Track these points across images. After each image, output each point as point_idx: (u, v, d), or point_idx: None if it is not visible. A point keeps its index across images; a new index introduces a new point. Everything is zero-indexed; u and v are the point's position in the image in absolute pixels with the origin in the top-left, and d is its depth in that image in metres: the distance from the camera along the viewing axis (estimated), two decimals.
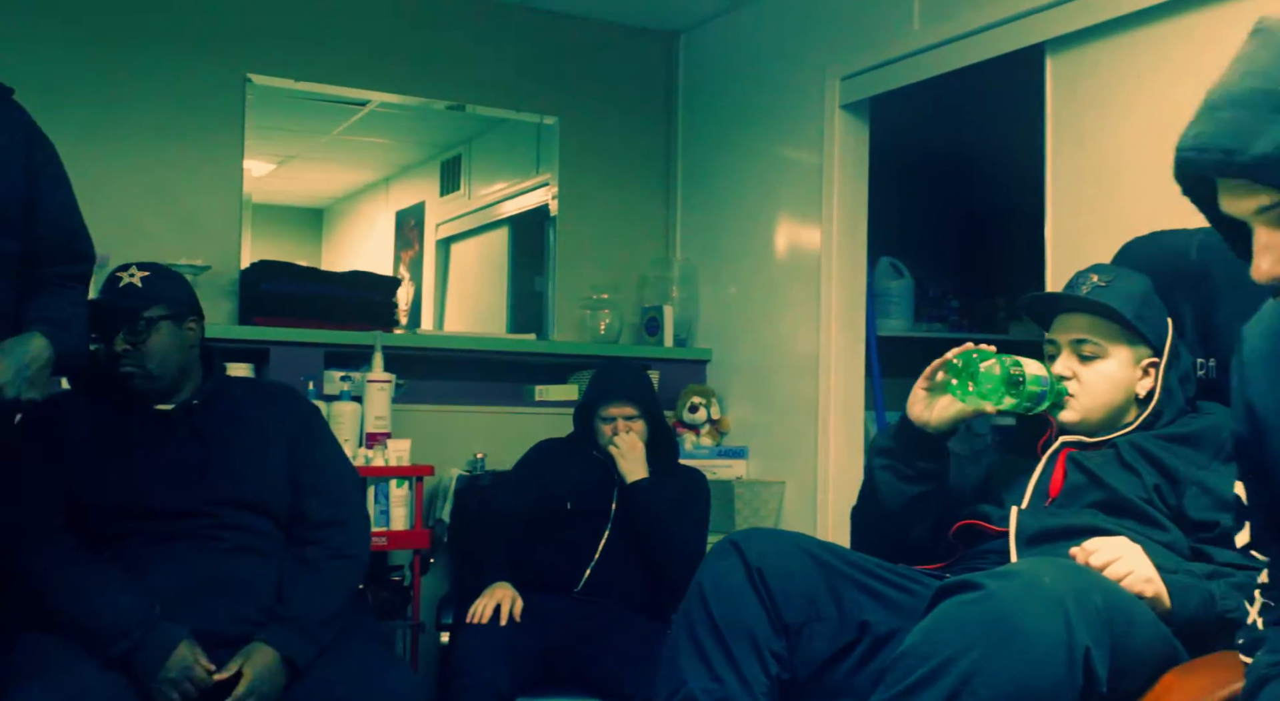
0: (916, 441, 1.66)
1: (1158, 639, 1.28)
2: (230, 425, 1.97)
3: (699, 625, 1.49)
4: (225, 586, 1.82)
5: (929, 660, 1.18)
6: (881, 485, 1.68)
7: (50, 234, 1.83)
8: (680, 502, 2.51)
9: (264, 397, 2.08)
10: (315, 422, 2.10)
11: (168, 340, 1.92)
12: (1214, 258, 1.69)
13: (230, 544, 1.86)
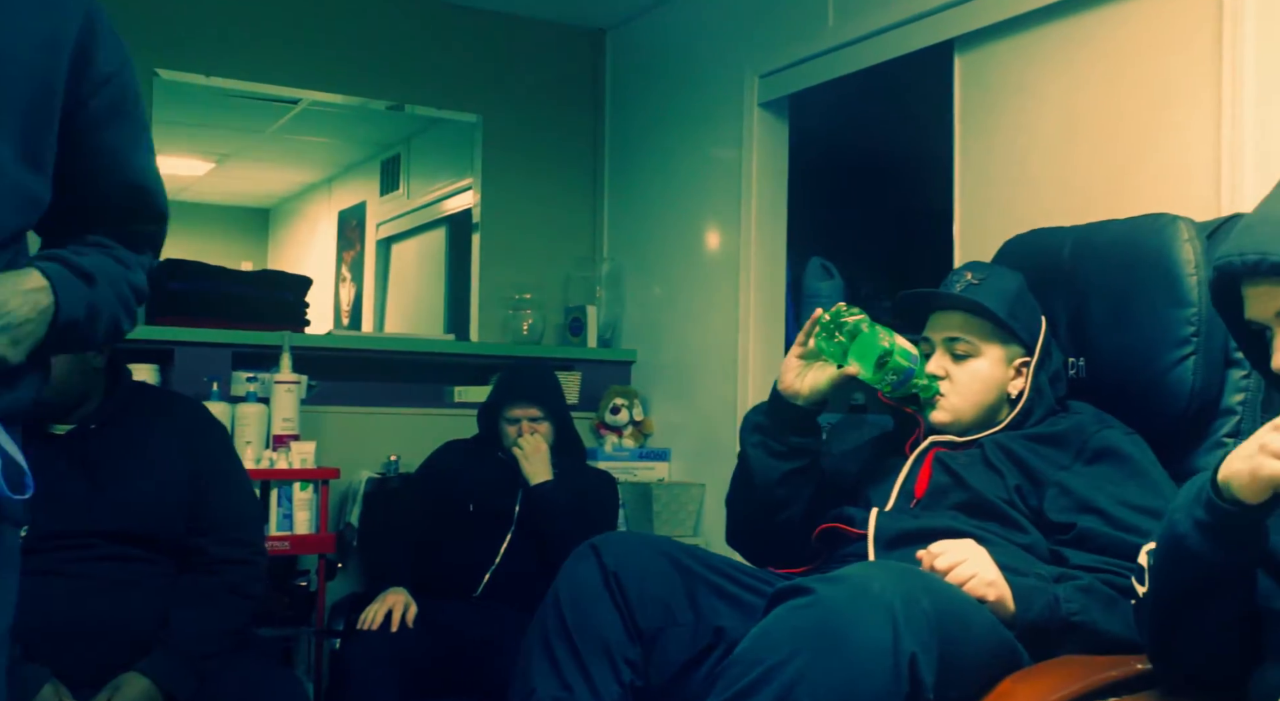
0: (788, 416, 1.65)
1: (995, 643, 1.25)
2: (128, 451, 1.86)
3: (552, 632, 1.45)
4: (98, 625, 1.73)
5: (756, 666, 1.15)
6: (754, 462, 1.66)
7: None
8: (585, 505, 2.47)
9: (171, 420, 1.96)
10: (223, 453, 2.01)
11: (66, 366, 1.78)
12: (1084, 257, 1.67)
13: (109, 578, 1.78)
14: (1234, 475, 1.01)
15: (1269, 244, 1.05)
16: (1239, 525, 1.03)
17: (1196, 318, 1.51)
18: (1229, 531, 1.03)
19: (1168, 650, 1.14)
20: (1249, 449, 1.01)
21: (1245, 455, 1.01)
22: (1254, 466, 0.99)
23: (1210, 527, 1.03)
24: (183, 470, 1.90)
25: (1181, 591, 1.08)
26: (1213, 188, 1.90)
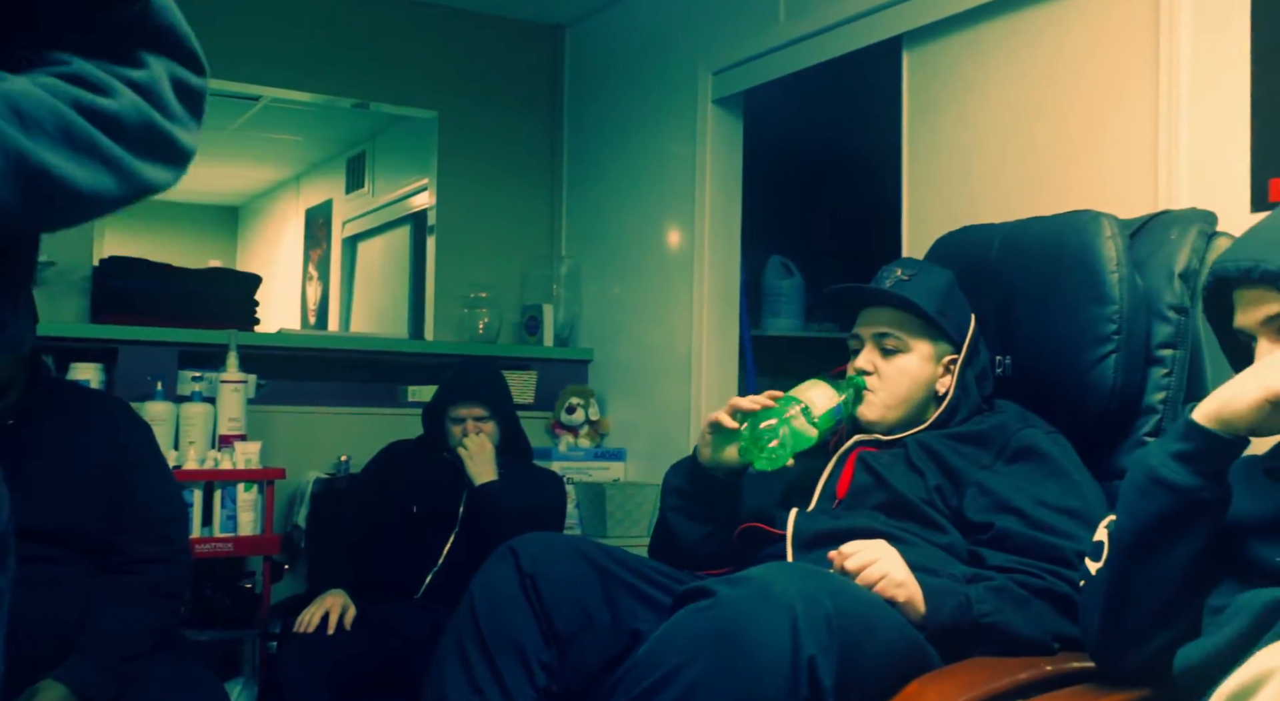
0: (708, 488, 1.63)
1: (902, 645, 1.23)
2: (46, 447, 1.82)
3: (465, 636, 1.42)
4: (14, 627, 1.69)
5: (656, 670, 1.13)
6: (675, 525, 1.66)
7: None
8: (530, 506, 2.44)
9: (93, 416, 1.92)
10: (146, 451, 1.96)
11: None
12: (1011, 254, 1.65)
13: (27, 578, 1.73)
14: (1231, 399, 1.06)
15: (1263, 252, 1.09)
16: (1217, 451, 1.07)
17: (1118, 315, 1.49)
18: (1207, 457, 1.07)
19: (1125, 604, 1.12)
20: (1253, 376, 1.06)
21: (1251, 379, 1.06)
22: (1262, 381, 1.04)
23: (1188, 455, 1.08)
24: (104, 468, 1.86)
25: (1153, 523, 1.09)
26: (1150, 185, 1.90)
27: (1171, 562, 1.09)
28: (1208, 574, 1.10)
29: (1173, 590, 1.09)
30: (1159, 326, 1.51)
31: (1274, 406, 1.05)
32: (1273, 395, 1.05)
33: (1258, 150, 1.75)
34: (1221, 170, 1.80)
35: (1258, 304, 1.11)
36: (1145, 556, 1.10)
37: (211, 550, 2.57)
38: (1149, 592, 1.10)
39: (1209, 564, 1.10)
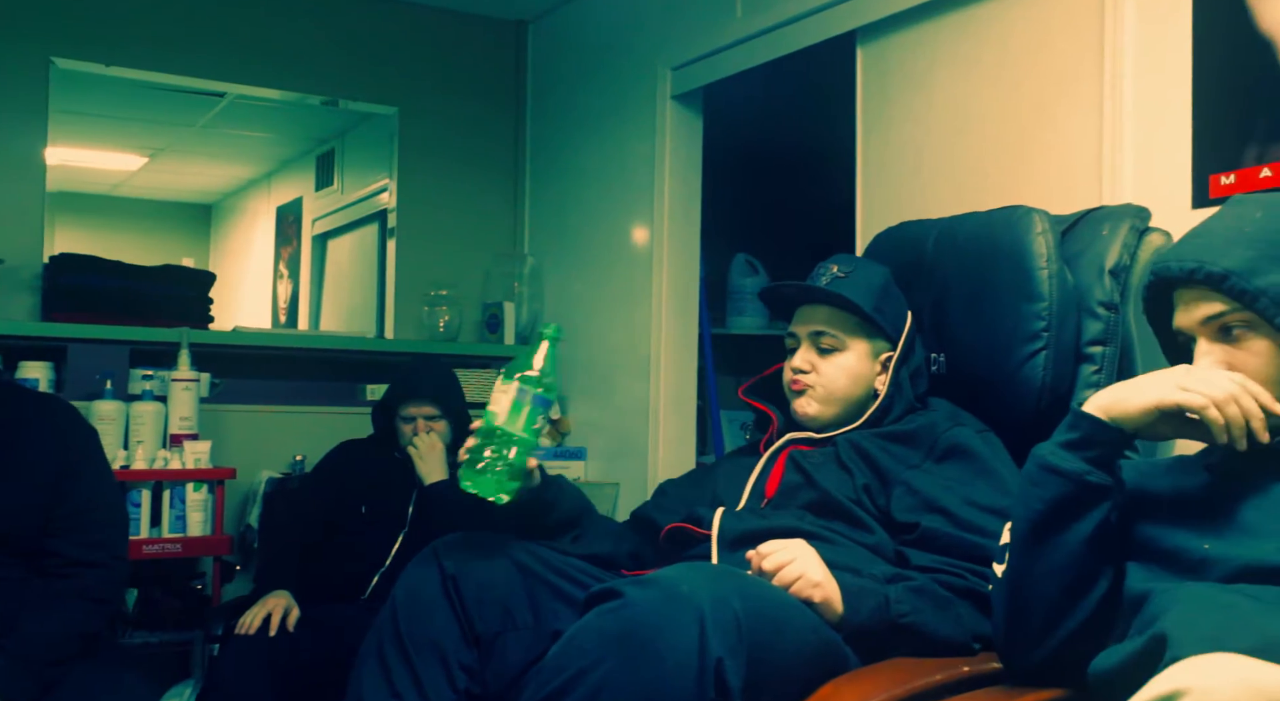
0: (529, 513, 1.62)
1: (816, 647, 1.21)
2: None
3: (385, 638, 1.40)
4: None
5: (561, 673, 1.11)
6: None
7: None
8: (480, 505, 2.41)
9: (37, 419, 1.89)
10: (87, 454, 1.93)
11: None
12: (945, 250, 1.64)
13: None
14: (1126, 398, 1.08)
15: (1206, 254, 1.09)
16: (1104, 439, 1.08)
17: (1047, 312, 1.48)
18: (1093, 444, 1.09)
19: (1024, 599, 1.12)
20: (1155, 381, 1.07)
21: (1151, 383, 1.07)
22: (1163, 390, 1.06)
23: (1075, 442, 1.09)
24: (43, 471, 1.83)
25: (1045, 510, 1.10)
26: (1095, 181, 1.88)
27: (1065, 550, 1.08)
28: (1107, 564, 1.09)
29: (1069, 579, 1.09)
30: (1089, 323, 1.50)
31: (1162, 415, 1.06)
32: (1164, 405, 1.05)
33: (1198, 147, 1.74)
34: (1163, 166, 1.78)
35: (1198, 304, 1.11)
36: (1040, 546, 1.09)
37: (160, 551, 2.54)
38: (1046, 583, 1.09)
39: (1107, 554, 1.09)
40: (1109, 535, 1.10)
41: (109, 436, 2.65)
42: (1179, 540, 1.07)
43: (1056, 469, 1.09)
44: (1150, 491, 1.14)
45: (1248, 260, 1.08)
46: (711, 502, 1.54)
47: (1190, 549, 1.05)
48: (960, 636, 1.27)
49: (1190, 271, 1.10)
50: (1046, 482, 1.09)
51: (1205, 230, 1.16)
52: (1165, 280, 1.14)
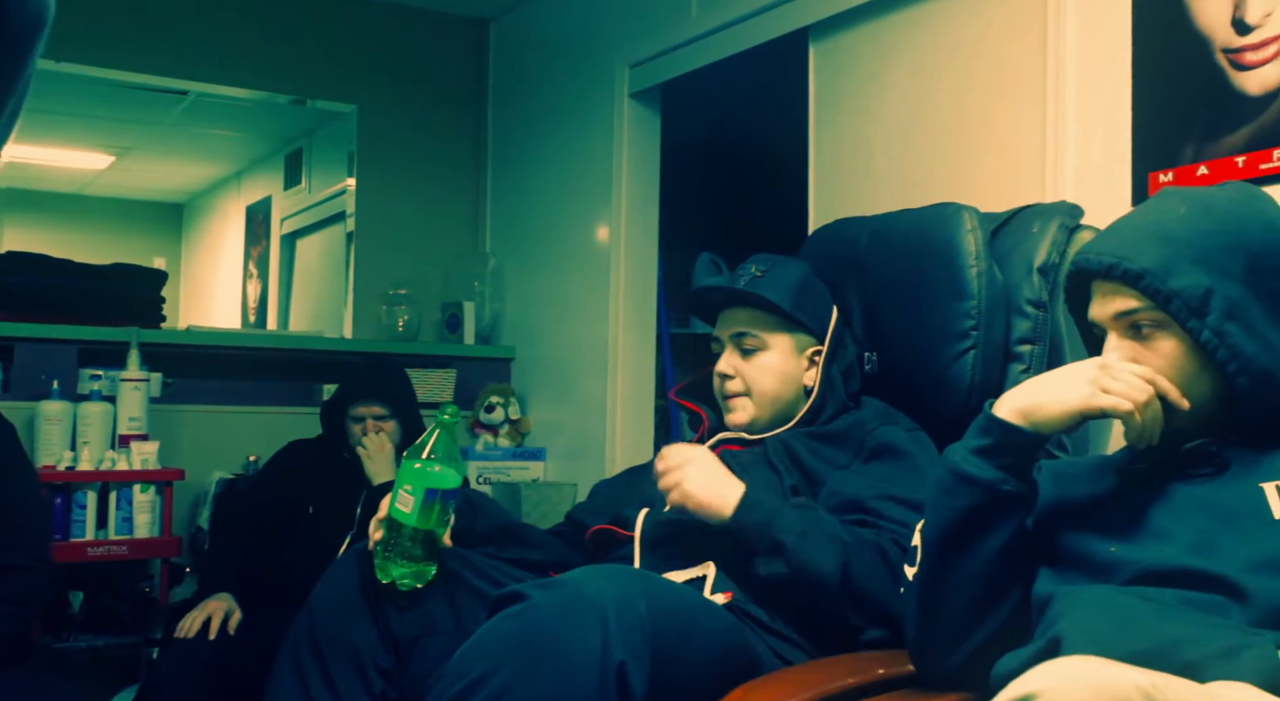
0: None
1: (725, 649, 1.19)
2: None
3: (301, 643, 1.38)
4: None
5: (463, 678, 1.08)
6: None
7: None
8: None
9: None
10: (3, 451, 1.91)
11: None
12: (878, 247, 1.62)
13: None
14: (1049, 402, 1.05)
15: (1126, 250, 1.08)
16: (1018, 445, 1.05)
17: (976, 311, 1.46)
18: (1007, 451, 1.05)
19: (937, 605, 1.10)
20: (1078, 385, 1.04)
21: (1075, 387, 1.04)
22: (1085, 395, 1.03)
23: (988, 450, 1.06)
24: None
25: (958, 519, 1.07)
26: (1038, 178, 1.87)
27: (979, 559, 1.06)
28: (1020, 571, 1.07)
29: (982, 588, 1.06)
30: (1018, 321, 1.48)
31: (1084, 417, 1.04)
32: (1088, 410, 1.03)
33: (1138, 145, 1.73)
34: (1104, 164, 1.77)
35: (1112, 299, 1.09)
36: (953, 554, 1.07)
37: (105, 553, 2.50)
38: (959, 592, 1.07)
39: (1020, 561, 1.07)
40: (1023, 542, 1.08)
41: (56, 437, 2.61)
42: (1088, 543, 1.05)
43: (969, 477, 1.06)
44: (1066, 495, 1.12)
45: (1165, 259, 1.06)
46: (642, 503, 1.52)
47: (1098, 552, 1.03)
48: (835, 577, 1.24)
49: (1108, 267, 1.08)
50: (959, 491, 1.06)
51: (1128, 224, 1.14)
52: (1085, 272, 1.13)
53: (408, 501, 1.42)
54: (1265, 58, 1.57)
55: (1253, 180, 1.59)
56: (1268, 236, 1.08)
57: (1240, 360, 1.03)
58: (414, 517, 1.40)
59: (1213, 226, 1.08)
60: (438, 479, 1.43)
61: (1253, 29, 1.59)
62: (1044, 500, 1.13)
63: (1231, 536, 0.97)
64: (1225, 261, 1.05)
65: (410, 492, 1.42)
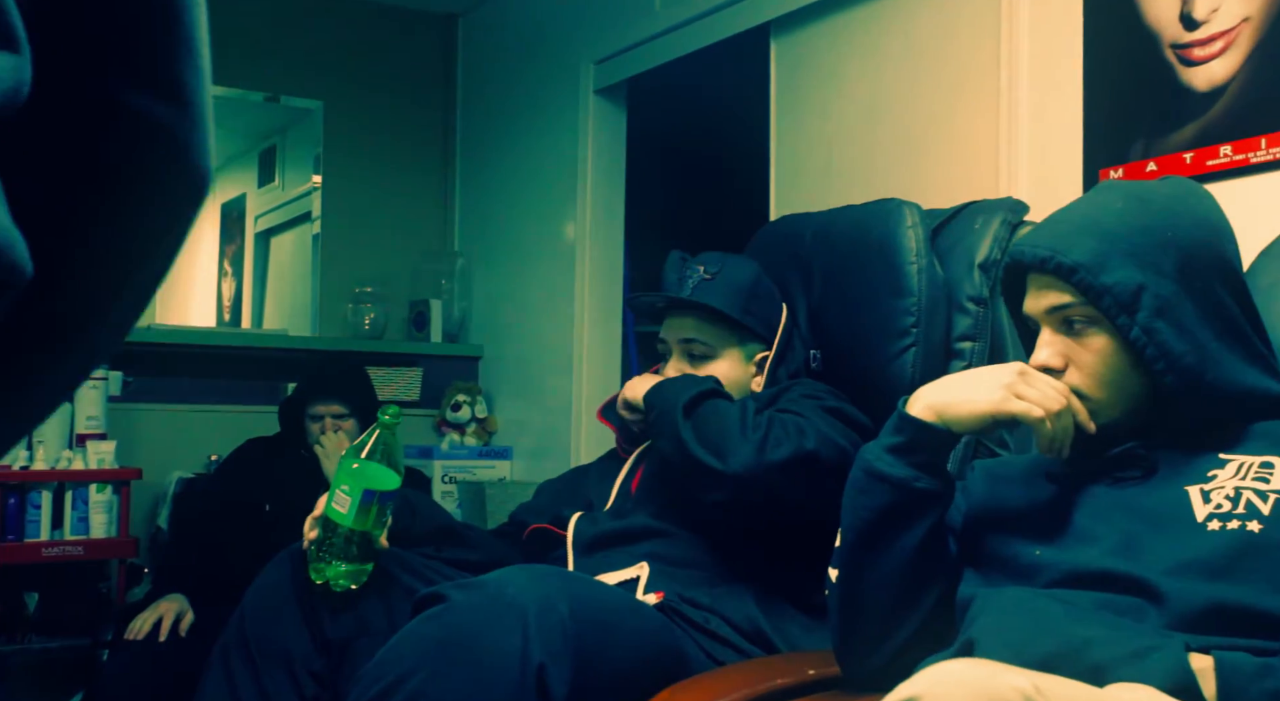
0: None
1: (651, 651, 1.17)
2: None
3: (231, 645, 1.36)
4: None
5: (380, 681, 1.06)
6: None
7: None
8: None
9: None
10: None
11: None
12: (821, 244, 1.61)
13: None
14: (961, 402, 1.04)
15: (1061, 244, 1.06)
16: (932, 442, 1.05)
17: (916, 308, 1.44)
18: (920, 449, 1.05)
19: (856, 606, 1.09)
20: (992, 388, 1.03)
21: (988, 389, 1.03)
22: (998, 399, 1.02)
23: (901, 447, 1.05)
24: None
25: (873, 518, 1.06)
26: (993, 175, 1.86)
27: (896, 558, 1.05)
28: (939, 569, 1.06)
29: (900, 587, 1.05)
30: (960, 319, 1.47)
31: (995, 421, 1.03)
32: (998, 414, 1.02)
33: (1089, 141, 1.72)
34: (1056, 160, 1.76)
35: (1046, 293, 1.07)
36: (870, 554, 1.05)
37: (60, 554, 2.47)
38: (878, 591, 1.05)
39: (938, 558, 1.06)
40: (941, 539, 1.06)
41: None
42: (1014, 545, 1.04)
43: (883, 476, 1.05)
44: (997, 496, 1.11)
45: (1099, 254, 1.04)
46: (583, 504, 1.50)
47: (1022, 554, 1.02)
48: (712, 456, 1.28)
49: (1043, 260, 1.06)
50: (873, 490, 1.05)
51: (1064, 217, 1.12)
52: (1020, 265, 1.11)
53: (344, 501, 1.40)
54: (1212, 53, 1.56)
55: (1200, 176, 1.58)
56: (1202, 234, 1.07)
57: (1168, 359, 1.01)
58: (350, 518, 1.38)
59: (1148, 222, 1.06)
60: (376, 479, 1.41)
61: (1200, 24, 1.58)
62: (975, 501, 1.12)
63: (1155, 539, 0.96)
64: (1158, 258, 1.04)
65: (347, 493, 1.40)
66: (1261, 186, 1.52)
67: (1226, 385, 1.02)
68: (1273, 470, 0.96)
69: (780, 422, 1.29)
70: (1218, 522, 0.94)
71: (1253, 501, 0.93)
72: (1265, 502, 0.93)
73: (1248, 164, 1.52)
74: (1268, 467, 0.96)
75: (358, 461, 1.42)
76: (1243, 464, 0.98)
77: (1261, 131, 1.51)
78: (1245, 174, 1.53)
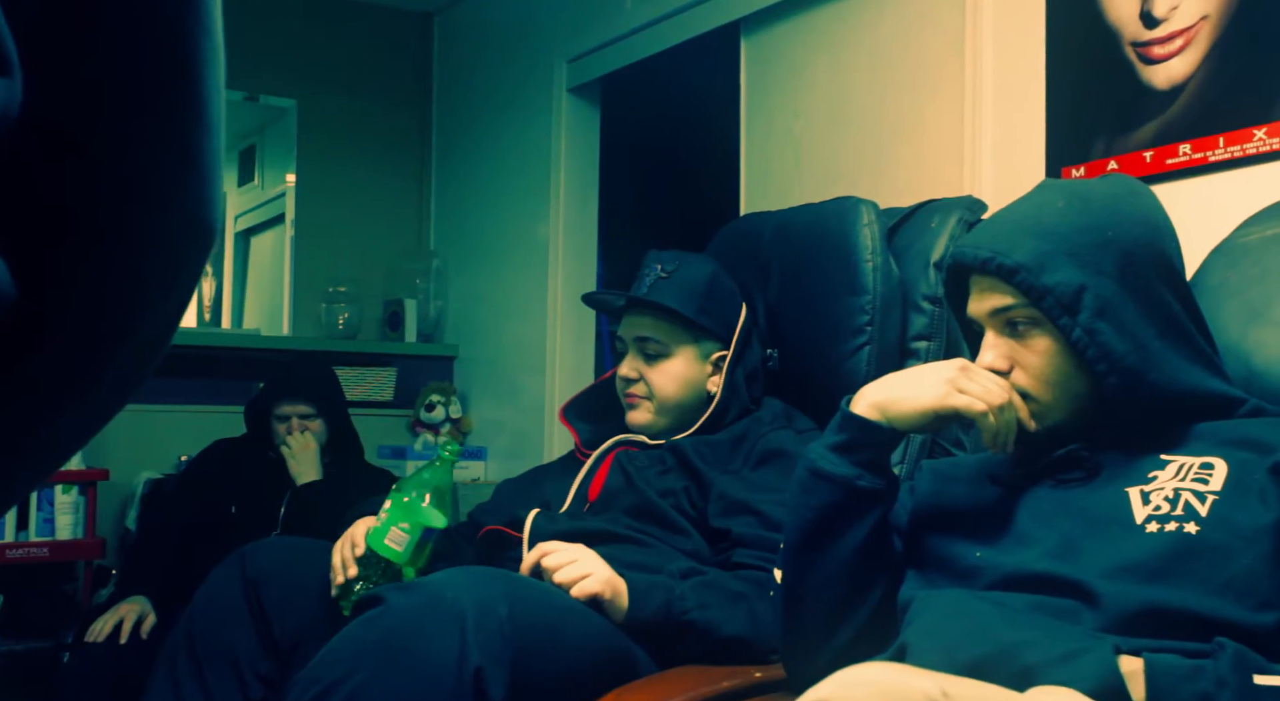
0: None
1: (597, 653, 1.16)
2: None
3: (178, 646, 1.34)
4: None
5: (315, 685, 1.05)
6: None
7: None
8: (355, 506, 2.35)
9: None
10: None
11: None
12: (779, 243, 1.59)
13: None
14: (903, 399, 1.03)
15: (1001, 244, 1.04)
16: (875, 440, 1.04)
17: (870, 306, 1.43)
18: (863, 447, 1.04)
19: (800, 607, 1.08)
20: (935, 384, 1.02)
21: (932, 386, 1.02)
22: (941, 394, 1.01)
23: (844, 446, 1.05)
24: None
25: (815, 517, 1.05)
26: (958, 173, 1.85)
27: (838, 557, 1.03)
28: (881, 569, 1.05)
29: (843, 587, 1.04)
30: (915, 317, 1.46)
31: (938, 416, 1.01)
32: (941, 409, 1.01)
33: (1051, 139, 1.71)
34: (1020, 158, 1.76)
35: (989, 295, 1.06)
36: (813, 554, 1.04)
37: (24, 555, 2.45)
38: (821, 592, 1.04)
39: (881, 558, 1.05)
40: (884, 539, 1.05)
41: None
42: (956, 547, 1.03)
43: (826, 475, 1.03)
44: (943, 496, 1.10)
45: (1040, 254, 1.03)
46: (540, 504, 1.49)
47: (963, 556, 1.01)
48: (751, 633, 1.21)
49: (984, 261, 1.05)
50: (816, 489, 1.04)
51: (1006, 217, 1.11)
52: (962, 266, 1.10)
53: (401, 539, 1.36)
54: (1172, 51, 1.56)
55: (1160, 175, 1.58)
56: (1143, 233, 1.06)
57: (1110, 360, 1.00)
58: (406, 556, 1.35)
59: (1089, 221, 1.05)
60: (434, 517, 1.38)
61: (1160, 22, 1.57)
62: (921, 501, 1.11)
63: (1093, 541, 0.95)
64: (1099, 257, 1.03)
65: (406, 531, 1.36)
66: (1220, 185, 1.51)
67: (1169, 385, 1.01)
68: (1212, 471, 0.95)
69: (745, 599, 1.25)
70: (1156, 524, 0.93)
71: (1191, 503, 0.93)
72: (1203, 504, 0.92)
73: (1206, 162, 1.52)
74: (1207, 468, 0.95)
75: (411, 495, 1.39)
76: (1183, 465, 0.97)
77: (1219, 130, 1.50)
78: (1204, 172, 1.53)
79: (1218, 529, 0.90)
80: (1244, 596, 0.87)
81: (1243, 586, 0.88)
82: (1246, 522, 0.90)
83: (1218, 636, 0.82)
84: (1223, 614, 0.86)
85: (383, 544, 1.35)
